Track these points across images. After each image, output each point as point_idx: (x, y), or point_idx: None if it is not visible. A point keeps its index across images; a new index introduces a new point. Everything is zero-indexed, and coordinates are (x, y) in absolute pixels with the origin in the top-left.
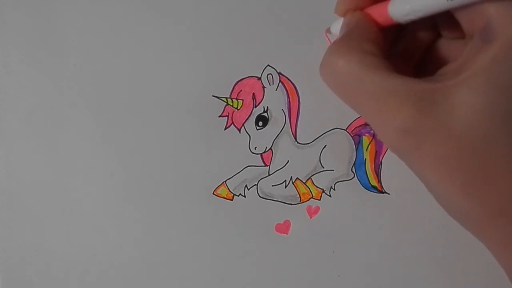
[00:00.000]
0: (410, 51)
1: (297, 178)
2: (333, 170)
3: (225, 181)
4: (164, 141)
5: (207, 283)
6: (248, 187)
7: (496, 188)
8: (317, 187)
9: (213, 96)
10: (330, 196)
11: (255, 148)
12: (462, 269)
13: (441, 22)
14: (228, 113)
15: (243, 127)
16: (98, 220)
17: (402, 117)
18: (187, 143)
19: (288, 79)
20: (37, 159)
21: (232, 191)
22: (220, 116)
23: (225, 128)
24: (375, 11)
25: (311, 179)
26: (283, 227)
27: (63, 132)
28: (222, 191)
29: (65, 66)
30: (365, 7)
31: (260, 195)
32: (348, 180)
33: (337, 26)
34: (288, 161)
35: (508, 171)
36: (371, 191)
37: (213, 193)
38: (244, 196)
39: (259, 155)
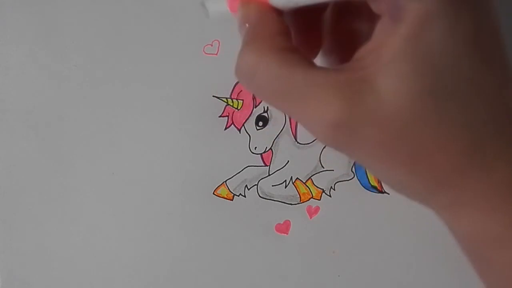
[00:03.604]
0: (325, 37)
1: (297, 178)
2: (333, 170)
3: (225, 181)
4: (165, 141)
5: (207, 283)
6: (248, 187)
7: (432, 162)
8: (317, 187)
9: (213, 96)
10: (330, 196)
11: (255, 148)
12: (462, 269)
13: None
14: (228, 113)
15: (243, 127)
16: (99, 220)
17: (330, 112)
18: (187, 143)
19: None
20: (37, 159)
21: (232, 191)
22: (220, 116)
23: (225, 128)
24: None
25: (311, 179)
26: (283, 227)
27: (64, 132)
28: (222, 191)
29: (65, 66)
30: None
31: (260, 195)
32: (348, 180)
33: (216, 5)
34: (288, 161)
35: (440, 145)
36: (371, 191)
37: (213, 193)
38: (244, 196)
39: (259, 155)
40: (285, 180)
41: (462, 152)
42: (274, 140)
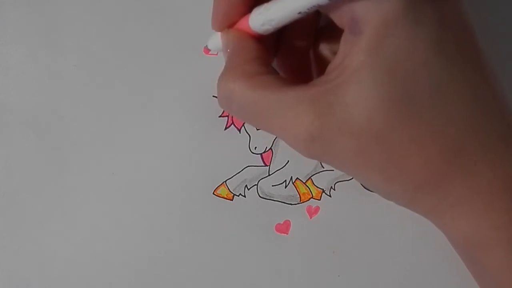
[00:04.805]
0: (298, 54)
1: (297, 178)
2: (333, 170)
3: (225, 181)
4: (165, 141)
5: (207, 283)
6: (248, 187)
7: (407, 167)
8: (317, 187)
9: (213, 96)
10: (330, 196)
11: (255, 148)
12: (463, 269)
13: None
14: (228, 113)
15: (243, 127)
16: (98, 220)
17: (304, 126)
18: (187, 143)
19: None
20: (37, 159)
21: (232, 191)
22: (220, 116)
23: (225, 128)
24: (243, 25)
25: (311, 179)
26: (283, 227)
27: (64, 132)
28: (222, 191)
29: (65, 66)
30: (238, 20)
31: (260, 195)
32: (348, 180)
33: (214, 42)
34: (288, 161)
35: (413, 150)
36: (371, 191)
37: (213, 193)
38: (244, 196)
39: (259, 155)
40: (285, 180)
41: (439, 156)
42: (274, 140)
